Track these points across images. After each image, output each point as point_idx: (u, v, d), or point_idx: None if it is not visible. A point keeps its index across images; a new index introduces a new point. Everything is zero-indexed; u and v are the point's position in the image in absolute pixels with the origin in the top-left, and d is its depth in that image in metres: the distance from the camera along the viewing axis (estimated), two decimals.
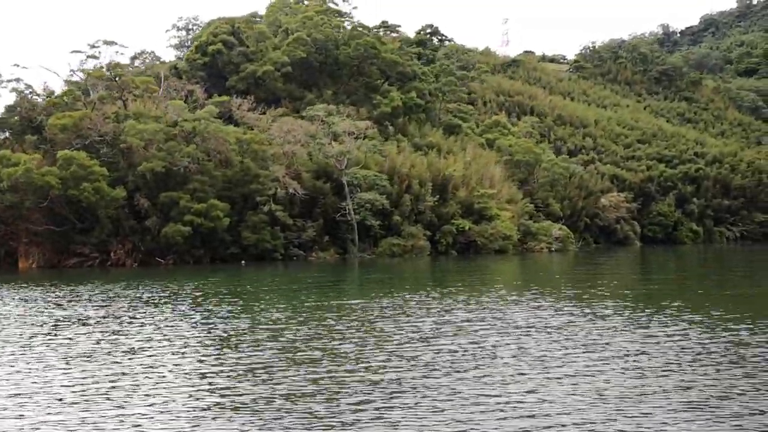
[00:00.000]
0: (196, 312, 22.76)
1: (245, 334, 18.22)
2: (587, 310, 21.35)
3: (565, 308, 22.08)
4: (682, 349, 15.06)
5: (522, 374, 13.00)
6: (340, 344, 16.34)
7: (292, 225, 57.16)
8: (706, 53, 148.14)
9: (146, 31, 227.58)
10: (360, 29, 72.71)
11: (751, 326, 17.62)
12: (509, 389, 11.91)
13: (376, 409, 10.89)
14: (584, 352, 14.83)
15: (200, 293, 29.12)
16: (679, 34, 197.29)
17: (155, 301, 26.20)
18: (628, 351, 14.91)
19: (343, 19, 76.03)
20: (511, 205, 70.94)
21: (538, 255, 66.14)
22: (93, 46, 53.98)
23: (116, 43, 54.59)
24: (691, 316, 19.97)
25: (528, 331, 17.59)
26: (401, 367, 13.71)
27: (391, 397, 11.51)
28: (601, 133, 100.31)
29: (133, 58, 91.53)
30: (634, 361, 13.97)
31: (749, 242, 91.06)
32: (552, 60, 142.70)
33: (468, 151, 72.93)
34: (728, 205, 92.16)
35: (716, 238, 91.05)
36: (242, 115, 58.41)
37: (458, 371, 13.32)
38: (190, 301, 26.23)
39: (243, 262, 52.42)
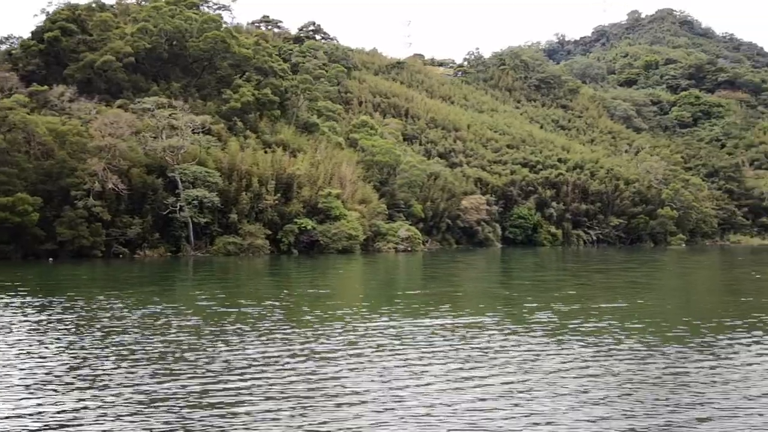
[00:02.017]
0: None
1: None
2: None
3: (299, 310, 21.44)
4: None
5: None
6: None
7: (117, 221, 55.04)
8: (589, 63, 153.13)
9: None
10: (211, 22, 70.82)
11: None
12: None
13: None
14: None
15: None
16: (572, 44, 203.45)
17: None
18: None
19: (197, 12, 73.96)
20: (363, 205, 70.72)
21: (384, 255, 66.03)
22: None
23: None
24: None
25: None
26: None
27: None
28: (472, 137, 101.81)
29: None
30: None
31: (605, 245, 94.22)
32: (441, 64, 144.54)
33: (320, 150, 72.30)
34: (586, 210, 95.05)
35: (573, 240, 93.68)
36: (62, 105, 55.74)
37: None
38: None
39: (51, 259, 49.94)
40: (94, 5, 69.65)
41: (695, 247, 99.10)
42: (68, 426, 9.08)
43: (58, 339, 15.47)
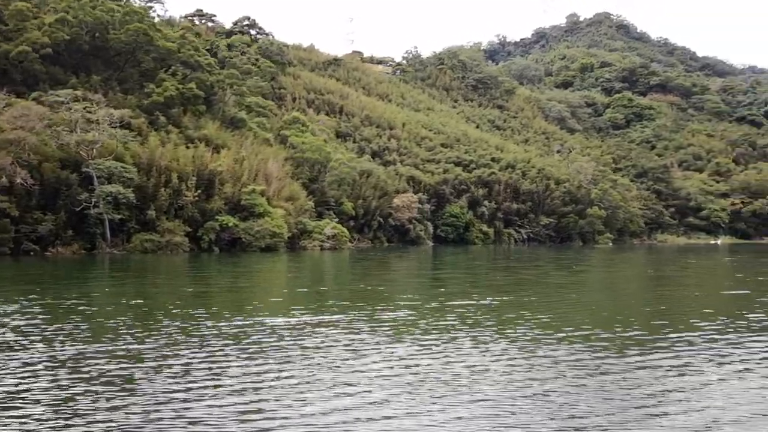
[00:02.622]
0: None
1: None
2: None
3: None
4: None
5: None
6: None
7: (27, 217, 53.39)
8: (527, 65, 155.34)
9: None
10: (133, 14, 69.21)
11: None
12: None
13: None
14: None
15: None
16: (513, 45, 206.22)
17: None
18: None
19: (120, 4, 72.24)
20: (290, 202, 70.20)
21: (309, 253, 65.66)
22: None
23: None
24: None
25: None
26: None
27: None
28: (407, 136, 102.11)
29: None
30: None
31: (535, 243, 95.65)
32: (380, 62, 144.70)
33: (245, 146, 71.49)
34: (517, 209, 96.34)
35: (505, 239, 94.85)
36: None
37: None
38: None
39: None
40: None
41: (623, 245, 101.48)
42: None
43: None
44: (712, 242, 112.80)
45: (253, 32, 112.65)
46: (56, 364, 12.05)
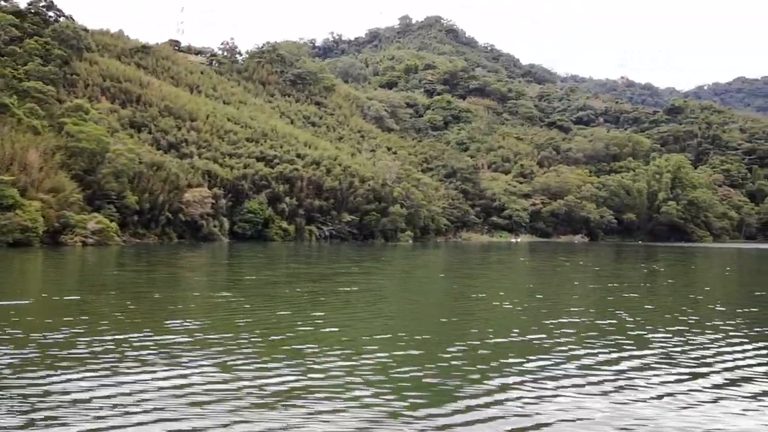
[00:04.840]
0: None
1: None
2: None
3: None
4: None
5: None
6: None
7: None
8: (351, 63, 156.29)
9: None
10: None
11: None
12: None
13: None
14: None
15: None
16: (347, 43, 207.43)
17: None
18: None
19: None
20: (52, 194, 65.30)
21: (67, 250, 61.12)
22: None
23: None
24: None
25: None
26: None
27: None
28: (209, 129, 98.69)
29: None
30: None
31: (337, 240, 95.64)
32: (199, 52, 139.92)
33: (2, 133, 65.63)
34: (320, 206, 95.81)
35: (306, 236, 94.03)
36: None
37: None
38: None
39: None
40: None
41: (426, 243, 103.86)
42: None
43: None
44: (512, 240, 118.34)
45: (51, 14, 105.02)
46: None
